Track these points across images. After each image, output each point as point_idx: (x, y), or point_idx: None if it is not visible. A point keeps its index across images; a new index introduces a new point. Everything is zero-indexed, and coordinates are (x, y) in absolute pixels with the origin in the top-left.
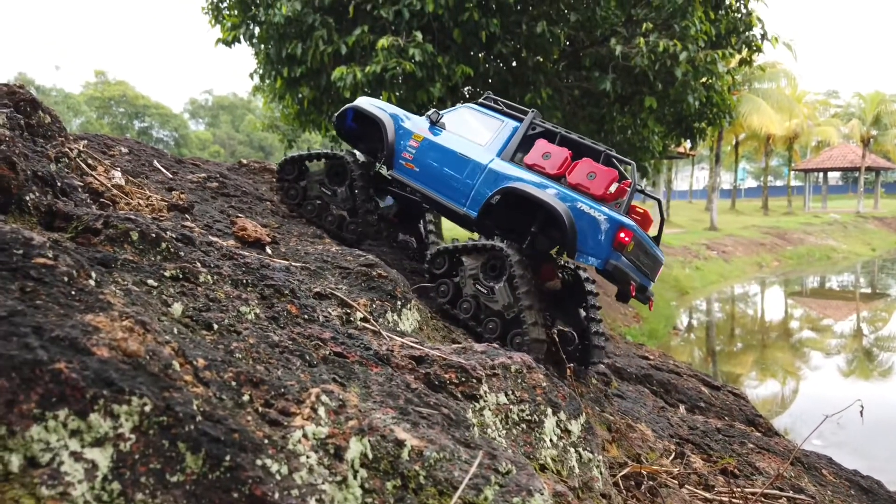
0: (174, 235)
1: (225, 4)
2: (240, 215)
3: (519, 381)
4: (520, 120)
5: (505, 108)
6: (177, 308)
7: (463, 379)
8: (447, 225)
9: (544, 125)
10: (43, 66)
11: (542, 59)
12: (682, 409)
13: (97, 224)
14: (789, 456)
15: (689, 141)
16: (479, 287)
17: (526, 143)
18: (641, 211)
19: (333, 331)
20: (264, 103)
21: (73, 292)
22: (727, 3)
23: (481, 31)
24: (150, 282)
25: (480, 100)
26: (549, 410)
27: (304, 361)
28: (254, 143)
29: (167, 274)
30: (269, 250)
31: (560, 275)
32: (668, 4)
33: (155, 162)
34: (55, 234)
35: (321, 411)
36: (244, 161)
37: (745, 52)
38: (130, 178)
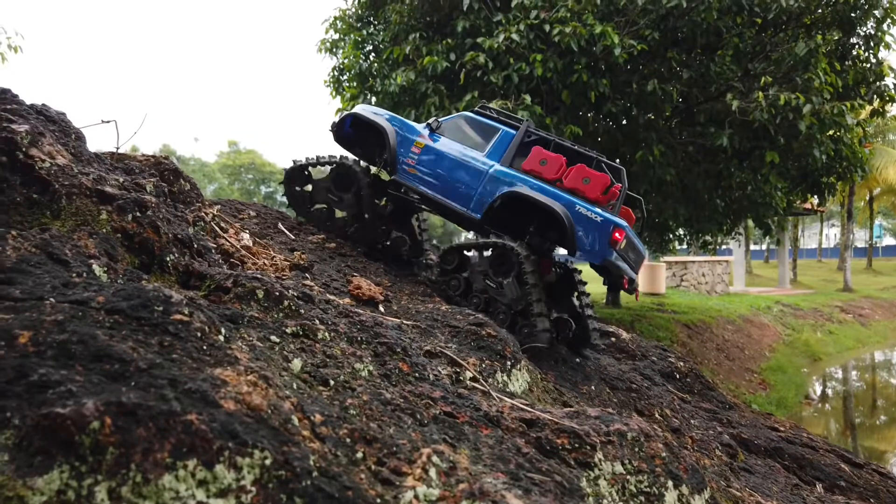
0: (295, 294)
1: (345, 77)
2: (355, 274)
3: (636, 449)
4: (515, 128)
5: (499, 117)
6: (296, 364)
7: (576, 445)
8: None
9: (538, 133)
10: (184, 137)
11: (653, 117)
12: (819, 487)
13: (227, 283)
14: None
15: (816, 197)
16: (489, 282)
17: (522, 150)
18: (623, 209)
19: (443, 390)
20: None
21: (204, 347)
22: (854, 53)
23: (590, 91)
24: (273, 338)
25: (476, 108)
26: (670, 483)
27: (415, 420)
28: None
29: (288, 330)
30: (381, 308)
31: (553, 269)
32: (789, 57)
33: (279, 224)
34: (190, 291)
35: (432, 472)
36: None
37: (876, 102)
38: (257, 239)
